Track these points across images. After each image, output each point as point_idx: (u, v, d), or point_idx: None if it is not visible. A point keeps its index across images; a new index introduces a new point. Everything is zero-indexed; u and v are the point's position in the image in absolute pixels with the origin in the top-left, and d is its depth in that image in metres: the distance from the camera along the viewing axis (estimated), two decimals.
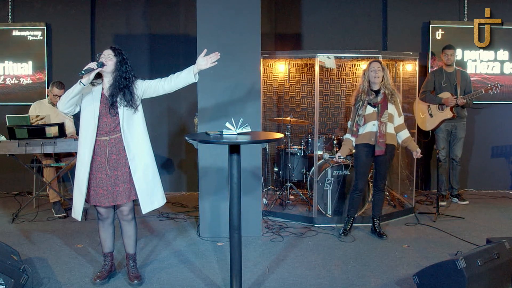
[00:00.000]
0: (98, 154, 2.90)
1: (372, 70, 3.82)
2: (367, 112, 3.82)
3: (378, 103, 3.81)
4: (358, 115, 3.84)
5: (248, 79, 3.89)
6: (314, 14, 5.77)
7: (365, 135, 3.84)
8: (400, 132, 3.91)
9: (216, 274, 3.18)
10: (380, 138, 3.78)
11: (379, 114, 3.80)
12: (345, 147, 3.96)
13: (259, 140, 2.85)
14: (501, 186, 5.86)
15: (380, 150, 3.79)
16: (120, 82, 2.91)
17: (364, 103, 3.82)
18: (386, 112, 3.80)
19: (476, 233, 4.07)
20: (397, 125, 3.88)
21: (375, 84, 3.82)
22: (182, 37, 5.70)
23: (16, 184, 5.74)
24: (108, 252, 3.13)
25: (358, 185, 3.96)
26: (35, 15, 5.65)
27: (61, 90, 4.80)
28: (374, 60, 3.88)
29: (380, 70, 3.80)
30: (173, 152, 5.82)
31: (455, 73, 5.04)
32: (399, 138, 3.92)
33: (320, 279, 3.09)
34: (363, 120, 3.82)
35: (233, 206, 2.65)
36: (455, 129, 5.07)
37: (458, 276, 2.61)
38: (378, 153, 3.80)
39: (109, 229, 3.11)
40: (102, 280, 3.03)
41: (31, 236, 3.97)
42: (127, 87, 2.93)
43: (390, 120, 3.82)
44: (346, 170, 4.41)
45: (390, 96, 3.82)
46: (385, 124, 3.79)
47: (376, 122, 3.80)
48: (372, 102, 3.82)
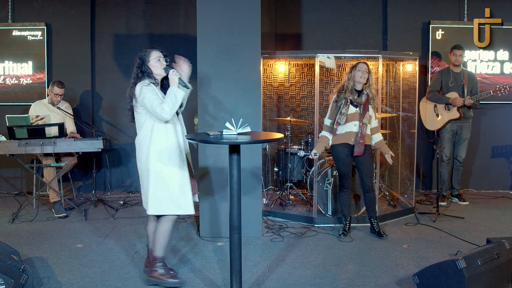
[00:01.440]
0: None
1: (359, 70, 3.83)
2: (349, 112, 3.84)
3: (361, 103, 3.83)
4: (340, 113, 3.84)
5: (248, 79, 3.89)
6: (314, 14, 5.77)
7: (344, 135, 3.85)
8: (374, 134, 3.97)
9: (216, 274, 3.18)
10: (360, 139, 3.83)
11: (361, 115, 3.82)
12: (321, 143, 3.96)
13: (259, 140, 2.85)
14: (501, 186, 5.86)
15: (359, 150, 3.84)
16: (165, 83, 3.02)
17: (348, 101, 3.83)
18: (368, 114, 3.85)
19: (476, 233, 4.07)
20: (373, 127, 3.95)
21: (359, 84, 3.85)
22: (182, 37, 5.70)
23: (16, 184, 5.74)
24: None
25: (344, 184, 3.98)
26: (35, 15, 5.65)
27: (62, 89, 4.80)
28: (362, 62, 3.91)
29: (367, 72, 3.84)
30: None
31: (462, 73, 5.03)
32: (373, 140, 3.98)
33: (320, 279, 3.09)
34: (345, 119, 3.83)
35: (233, 206, 2.65)
36: (460, 130, 5.06)
37: (458, 276, 2.61)
38: (357, 153, 3.85)
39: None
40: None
41: (31, 236, 3.97)
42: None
43: (369, 121, 3.89)
44: None
45: (372, 101, 3.90)
46: (365, 125, 3.84)
47: (358, 122, 3.83)
48: (355, 101, 3.84)
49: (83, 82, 5.69)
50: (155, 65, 2.96)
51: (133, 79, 2.97)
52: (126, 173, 5.84)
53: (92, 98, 5.74)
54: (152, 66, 2.96)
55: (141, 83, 2.89)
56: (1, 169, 5.71)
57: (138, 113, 2.95)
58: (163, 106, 2.80)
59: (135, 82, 2.94)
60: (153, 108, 2.82)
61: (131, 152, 5.83)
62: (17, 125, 4.38)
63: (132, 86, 2.94)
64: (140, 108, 2.92)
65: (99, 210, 4.86)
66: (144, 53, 3.01)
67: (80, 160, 5.62)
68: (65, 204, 4.89)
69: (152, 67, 2.96)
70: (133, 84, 2.95)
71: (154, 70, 2.96)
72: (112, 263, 3.37)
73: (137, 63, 3.00)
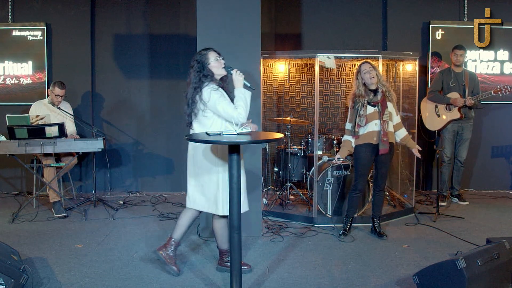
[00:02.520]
0: None
1: (365, 72, 3.80)
2: (368, 112, 3.81)
3: (378, 102, 3.81)
4: (359, 116, 3.81)
5: (248, 79, 3.88)
6: (314, 14, 5.77)
7: (367, 135, 3.83)
8: (398, 130, 3.93)
9: (216, 274, 3.18)
10: (384, 137, 3.79)
11: (381, 112, 3.80)
12: (344, 148, 3.95)
13: (259, 140, 2.84)
14: (501, 186, 5.86)
15: (384, 148, 3.79)
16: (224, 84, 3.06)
17: (364, 103, 3.82)
18: (387, 111, 3.81)
19: (476, 233, 4.07)
20: (396, 123, 3.91)
21: (372, 85, 3.81)
22: (182, 37, 5.70)
23: (16, 184, 5.74)
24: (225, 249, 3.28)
25: (358, 185, 3.96)
26: (35, 15, 5.66)
27: (63, 90, 4.80)
28: (363, 62, 3.88)
29: (372, 69, 3.80)
30: (173, 152, 5.82)
31: (464, 73, 5.02)
32: (397, 136, 3.95)
33: (320, 279, 3.09)
34: (365, 120, 3.81)
35: (233, 206, 2.65)
36: (461, 130, 5.05)
37: (458, 276, 2.60)
38: (383, 151, 3.80)
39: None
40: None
41: (31, 236, 3.97)
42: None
43: (390, 118, 3.84)
44: (346, 170, 4.41)
45: (388, 93, 3.85)
46: (387, 122, 3.80)
47: (378, 121, 3.80)
48: (372, 101, 3.82)
49: (83, 82, 5.69)
50: (216, 65, 2.98)
51: (195, 84, 2.96)
52: (126, 173, 5.84)
53: (92, 98, 5.74)
54: (213, 67, 2.97)
55: (209, 88, 2.91)
56: (1, 169, 5.71)
57: (205, 117, 2.96)
58: (239, 111, 2.85)
59: (198, 87, 2.94)
60: (227, 113, 2.86)
61: (131, 152, 5.84)
62: (17, 125, 4.37)
63: (195, 91, 2.95)
64: (208, 112, 2.94)
65: (99, 210, 4.86)
66: (201, 55, 3.00)
67: (80, 160, 5.63)
68: (65, 204, 4.89)
69: (213, 69, 2.97)
70: (196, 88, 2.95)
71: (216, 71, 2.98)
72: (112, 263, 3.37)
73: (196, 67, 2.98)
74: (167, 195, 5.58)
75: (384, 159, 3.86)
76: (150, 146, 5.82)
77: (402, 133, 3.95)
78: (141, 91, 5.77)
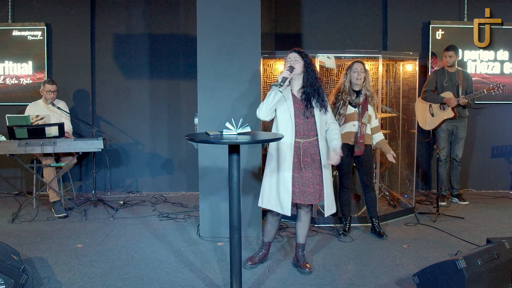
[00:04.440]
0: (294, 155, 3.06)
1: (355, 71, 3.81)
2: (348, 112, 3.83)
3: (359, 104, 3.82)
4: (339, 114, 3.83)
5: (248, 79, 3.89)
6: (314, 14, 5.77)
7: (345, 135, 3.83)
8: (375, 134, 3.96)
9: (216, 274, 3.18)
10: (360, 139, 3.82)
11: (360, 115, 3.81)
12: None
13: (259, 140, 2.84)
14: (501, 186, 5.86)
15: (359, 150, 3.83)
16: (313, 83, 3.05)
17: (345, 102, 3.83)
18: (367, 113, 3.84)
19: (476, 233, 4.07)
20: (374, 126, 3.94)
21: (357, 85, 3.83)
22: (182, 37, 5.70)
23: (16, 184, 5.74)
24: (267, 242, 3.38)
25: (344, 183, 3.98)
26: (35, 15, 5.65)
27: (54, 85, 4.83)
28: (357, 61, 3.88)
29: (363, 71, 3.81)
30: (173, 152, 5.82)
31: (457, 73, 5.04)
32: (373, 139, 3.97)
33: (320, 279, 3.09)
34: (344, 120, 3.83)
35: (233, 206, 2.65)
36: (456, 129, 5.07)
37: (458, 276, 2.61)
38: (358, 153, 3.84)
39: (276, 224, 3.32)
40: (252, 265, 3.28)
41: (31, 236, 3.97)
42: (319, 89, 3.06)
43: (369, 121, 3.87)
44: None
45: (371, 99, 3.88)
46: (365, 125, 3.83)
47: (357, 122, 3.82)
48: (353, 102, 3.83)
49: (83, 82, 5.69)
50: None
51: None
52: (126, 173, 5.84)
53: (92, 98, 5.74)
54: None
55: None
56: (1, 169, 5.71)
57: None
58: (260, 105, 3.05)
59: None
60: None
61: (131, 152, 5.84)
62: (17, 125, 4.37)
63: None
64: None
65: (99, 210, 4.86)
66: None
67: (80, 160, 5.63)
68: (65, 204, 4.89)
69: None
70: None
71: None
72: (112, 263, 3.37)
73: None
74: (167, 195, 5.58)
75: (361, 160, 3.90)
76: (150, 146, 5.82)
77: (378, 137, 3.97)
78: (141, 91, 5.77)
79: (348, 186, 4.00)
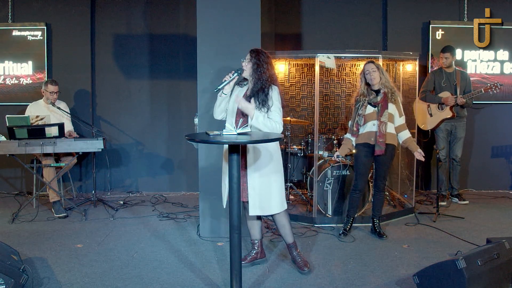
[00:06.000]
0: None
1: (367, 72, 3.81)
2: (367, 112, 3.82)
3: (378, 103, 3.81)
4: (358, 115, 3.84)
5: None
6: (314, 14, 5.77)
7: (365, 134, 3.84)
8: (400, 132, 3.88)
9: (216, 274, 3.18)
10: (379, 138, 3.77)
11: (379, 113, 3.79)
12: (344, 146, 3.96)
13: (259, 140, 2.84)
14: (501, 186, 5.86)
15: (379, 149, 3.78)
16: (256, 84, 3.06)
17: (364, 103, 3.83)
18: (386, 112, 3.78)
19: (476, 233, 4.07)
20: (398, 125, 3.86)
21: (374, 85, 3.82)
22: (182, 37, 5.70)
23: (16, 184, 5.75)
24: (253, 239, 3.36)
25: (358, 185, 3.96)
26: (35, 15, 5.65)
27: (56, 86, 4.83)
28: (368, 62, 3.88)
29: (375, 70, 3.79)
30: (173, 152, 5.82)
31: (455, 73, 5.05)
32: (399, 138, 3.90)
33: (320, 279, 3.09)
34: (363, 120, 3.82)
35: (233, 206, 2.65)
36: (455, 129, 5.08)
37: (458, 276, 2.61)
38: (378, 152, 3.79)
39: (253, 222, 3.32)
40: (244, 263, 3.24)
41: (31, 236, 3.97)
42: (262, 90, 3.04)
43: (391, 120, 3.81)
44: (345, 170, 4.41)
45: (391, 95, 3.80)
46: (385, 123, 3.77)
47: (376, 121, 3.79)
48: (372, 101, 3.82)
49: (83, 82, 5.69)
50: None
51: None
52: (126, 173, 5.84)
53: (92, 98, 5.74)
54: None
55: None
56: (1, 169, 5.71)
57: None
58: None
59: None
60: None
61: (131, 152, 5.84)
62: (17, 125, 4.37)
63: None
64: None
65: (99, 210, 4.86)
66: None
67: (80, 160, 5.63)
68: (65, 204, 4.89)
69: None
70: None
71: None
72: (112, 263, 3.37)
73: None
74: (167, 195, 5.58)
75: (381, 160, 3.86)
76: (150, 146, 5.82)
77: (404, 135, 3.88)
78: (141, 91, 5.77)
79: (361, 188, 3.97)
